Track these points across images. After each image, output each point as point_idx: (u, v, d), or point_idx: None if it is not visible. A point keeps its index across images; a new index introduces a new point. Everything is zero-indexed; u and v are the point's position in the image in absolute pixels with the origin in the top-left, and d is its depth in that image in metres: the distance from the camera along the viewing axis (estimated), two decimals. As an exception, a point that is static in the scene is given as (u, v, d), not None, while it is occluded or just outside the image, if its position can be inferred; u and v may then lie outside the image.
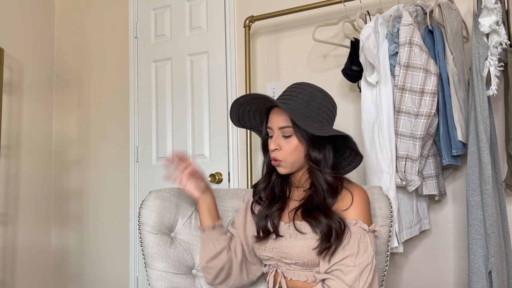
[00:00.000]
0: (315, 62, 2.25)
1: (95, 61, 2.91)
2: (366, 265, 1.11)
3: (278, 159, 1.23)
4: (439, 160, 1.78)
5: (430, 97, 1.62)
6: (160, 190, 1.45)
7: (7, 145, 2.67)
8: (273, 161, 1.25)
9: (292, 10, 2.10)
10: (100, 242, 2.79)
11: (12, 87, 2.72)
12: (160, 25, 2.69)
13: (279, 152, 1.23)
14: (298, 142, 1.22)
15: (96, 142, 2.86)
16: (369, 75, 1.68)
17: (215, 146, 2.48)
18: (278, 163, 1.24)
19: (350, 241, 1.13)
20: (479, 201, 1.56)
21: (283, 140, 1.23)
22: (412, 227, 1.79)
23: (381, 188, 1.43)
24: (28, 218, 2.77)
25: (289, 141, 1.22)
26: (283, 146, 1.22)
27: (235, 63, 2.44)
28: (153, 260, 1.40)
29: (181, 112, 2.58)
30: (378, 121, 1.69)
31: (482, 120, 1.55)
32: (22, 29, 2.81)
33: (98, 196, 2.81)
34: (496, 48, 1.55)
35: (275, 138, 1.23)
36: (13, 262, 2.67)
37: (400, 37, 1.64)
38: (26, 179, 2.78)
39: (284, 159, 1.23)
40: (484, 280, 1.53)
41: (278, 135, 1.23)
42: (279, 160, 1.23)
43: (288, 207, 1.27)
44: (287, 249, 1.20)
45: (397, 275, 2.03)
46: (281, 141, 1.23)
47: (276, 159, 1.23)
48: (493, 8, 1.52)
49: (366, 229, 1.16)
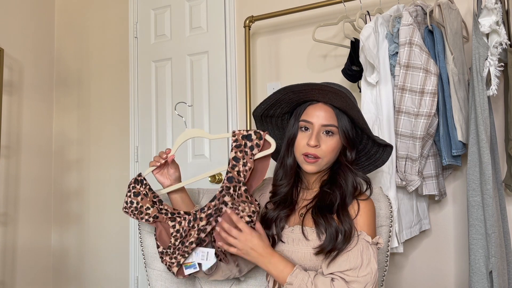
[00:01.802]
0: (315, 62, 2.25)
1: (95, 61, 2.91)
2: (370, 279, 1.10)
3: (317, 155, 1.19)
4: (439, 160, 1.78)
5: (430, 97, 1.62)
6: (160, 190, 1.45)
7: (7, 145, 2.67)
8: (307, 158, 1.20)
9: (292, 10, 2.10)
10: (100, 242, 2.79)
11: (12, 87, 2.72)
12: (160, 25, 2.69)
13: (318, 149, 1.19)
14: (338, 142, 1.20)
15: (96, 142, 2.86)
16: (369, 75, 1.68)
17: (215, 146, 2.48)
18: (314, 161, 1.20)
19: (354, 251, 1.12)
20: (479, 201, 1.56)
21: (323, 137, 1.20)
22: (412, 227, 1.79)
23: (381, 188, 1.43)
24: (28, 218, 2.77)
25: (330, 139, 1.20)
26: (322, 144, 1.20)
27: (235, 63, 2.44)
28: (153, 260, 1.40)
29: (181, 112, 2.58)
30: (378, 121, 1.69)
31: (483, 120, 1.55)
32: (22, 29, 2.81)
33: (98, 196, 2.81)
34: (496, 48, 1.55)
35: (316, 134, 1.19)
36: (13, 262, 2.66)
37: (400, 37, 1.64)
38: (26, 179, 2.78)
39: (323, 157, 1.20)
40: (485, 280, 1.53)
41: (319, 132, 1.20)
42: (317, 157, 1.19)
43: (295, 212, 1.26)
44: (289, 254, 1.19)
45: (397, 275, 2.03)
46: (322, 138, 1.20)
47: (316, 156, 1.19)
48: (493, 8, 1.52)
49: (369, 241, 1.15)
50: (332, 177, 1.24)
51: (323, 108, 1.21)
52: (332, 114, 1.21)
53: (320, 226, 1.16)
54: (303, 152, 1.21)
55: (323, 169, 1.25)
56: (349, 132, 1.21)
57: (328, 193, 1.20)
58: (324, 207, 1.18)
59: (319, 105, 1.22)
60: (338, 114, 1.21)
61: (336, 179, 1.22)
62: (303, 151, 1.21)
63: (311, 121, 1.21)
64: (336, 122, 1.20)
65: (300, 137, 1.22)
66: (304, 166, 1.22)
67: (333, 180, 1.23)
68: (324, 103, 1.22)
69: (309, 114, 1.22)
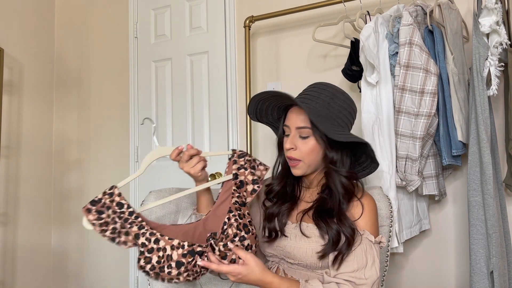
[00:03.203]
0: (315, 62, 2.25)
1: (95, 61, 2.91)
2: (376, 278, 1.12)
3: (295, 158, 1.20)
4: (439, 160, 1.78)
5: (430, 97, 1.62)
6: (160, 190, 1.45)
7: (7, 145, 2.66)
8: (290, 161, 1.22)
9: (292, 10, 2.09)
10: (100, 242, 2.79)
11: (12, 87, 2.72)
12: (160, 25, 2.69)
13: (295, 152, 1.20)
14: (315, 143, 1.19)
15: (96, 142, 2.86)
16: (369, 75, 1.68)
17: (215, 146, 2.47)
18: (295, 164, 1.21)
19: (358, 251, 1.13)
20: (480, 201, 1.56)
21: (299, 140, 1.21)
22: (412, 227, 1.78)
23: (381, 188, 1.43)
24: (28, 218, 2.77)
25: (306, 142, 1.20)
26: (299, 146, 1.20)
27: (235, 63, 2.44)
28: (153, 260, 1.40)
29: (181, 112, 2.58)
30: (378, 121, 1.69)
31: (483, 120, 1.55)
32: (22, 29, 2.81)
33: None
34: (496, 48, 1.55)
35: (291, 137, 1.21)
36: (13, 262, 2.66)
37: (400, 37, 1.64)
38: (26, 179, 2.77)
39: (302, 159, 1.20)
40: (485, 280, 1.53)
41: (295, 135, 1.21)
42: (296, 160, 1.20)
43: (297, 208, 1.27)
44: (291, 249, 1.20)
45: (397, 275, 2.03)
46: (298, 141, 1.21)
47: (293, 158, 1.20)
48: (493, 8, 1.52)
49: (372, 241, 1.15)
50: (327, 180, 1.24)
51: (297, 111, 1.21)
52: (305, 115, 1.19)
53: (322, 228, 1.16)
54: (287, 156, 1.23)
55: (316, 171, 1.25)
56: (324, 131, 1.17)
57: (326, 199, 1.21)
58: (324, 211, 1.18)
59: (295, 108, 1.23)
60: (313, 114, 1.18)
61: (328, 183, 1.22)
62: (287, 155, 1.23)
63: (288, 124, 1.23)
64: (310, 124, 1.18)
65: (284, 141, 1.24)
66: (291, 170, 1.24)
67: (328, 185, 1.23)
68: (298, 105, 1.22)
69: (287, 118, 1.24)
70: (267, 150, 2.31)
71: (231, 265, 1.08)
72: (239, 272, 1.07)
